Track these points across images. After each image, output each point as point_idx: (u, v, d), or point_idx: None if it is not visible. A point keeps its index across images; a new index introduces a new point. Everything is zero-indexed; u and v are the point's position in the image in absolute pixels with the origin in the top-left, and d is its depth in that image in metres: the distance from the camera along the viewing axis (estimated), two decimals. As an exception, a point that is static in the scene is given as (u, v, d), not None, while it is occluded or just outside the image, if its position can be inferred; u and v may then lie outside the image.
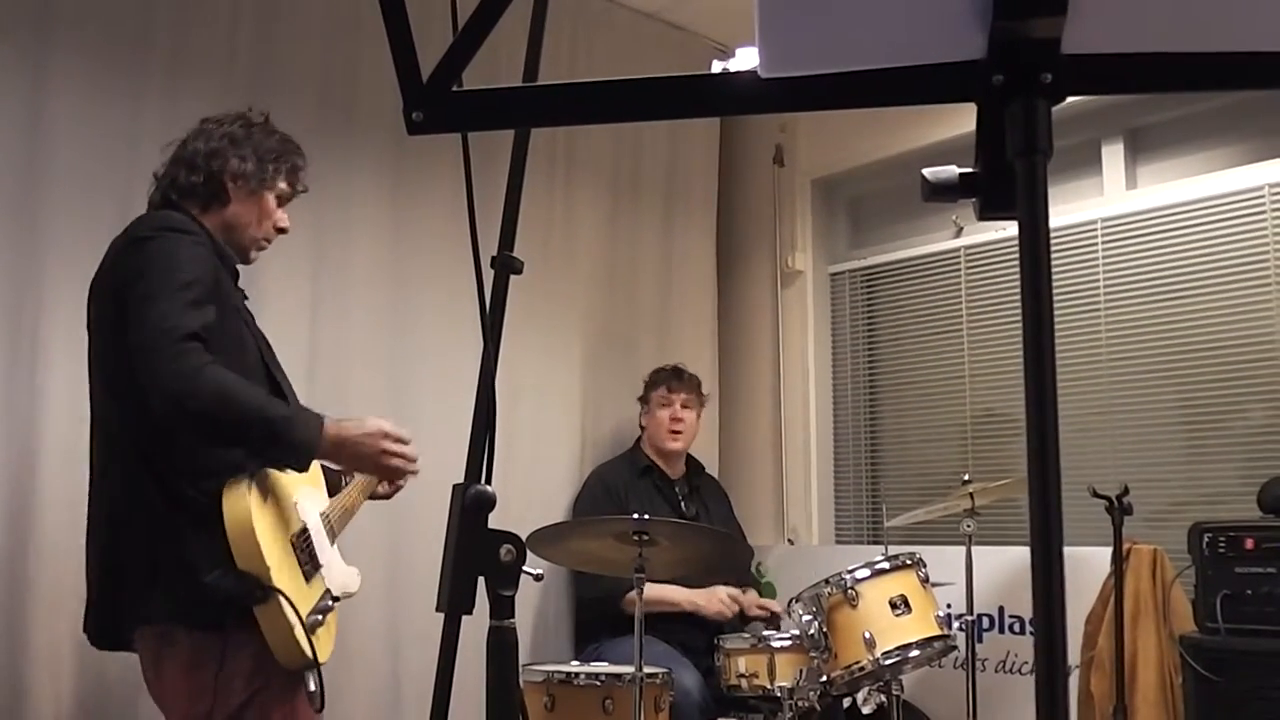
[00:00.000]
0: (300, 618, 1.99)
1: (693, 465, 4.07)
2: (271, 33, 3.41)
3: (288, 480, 2.18)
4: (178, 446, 2.05)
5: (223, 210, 2.30)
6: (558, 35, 4.07)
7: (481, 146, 1.47)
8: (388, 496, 2.56)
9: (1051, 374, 0.73)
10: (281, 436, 2.04)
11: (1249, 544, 2.85)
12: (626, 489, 3.82)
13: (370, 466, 2.28)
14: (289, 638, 1.97)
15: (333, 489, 2.46)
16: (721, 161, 4.82)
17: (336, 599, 2.24)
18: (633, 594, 2.81)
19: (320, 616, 2.11)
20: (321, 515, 2.32)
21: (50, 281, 2.91)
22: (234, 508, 1.99)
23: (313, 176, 3.44)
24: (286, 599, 1.96)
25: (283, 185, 2.38)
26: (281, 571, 2.01)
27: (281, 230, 2.42)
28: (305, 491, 2.26)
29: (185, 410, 1.95)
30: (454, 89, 0.82)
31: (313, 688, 2.01)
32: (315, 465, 2.35)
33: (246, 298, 2.40)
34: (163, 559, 2.01)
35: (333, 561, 2.30)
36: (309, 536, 2.19)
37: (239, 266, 2.36)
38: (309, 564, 2.16)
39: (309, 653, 2.00)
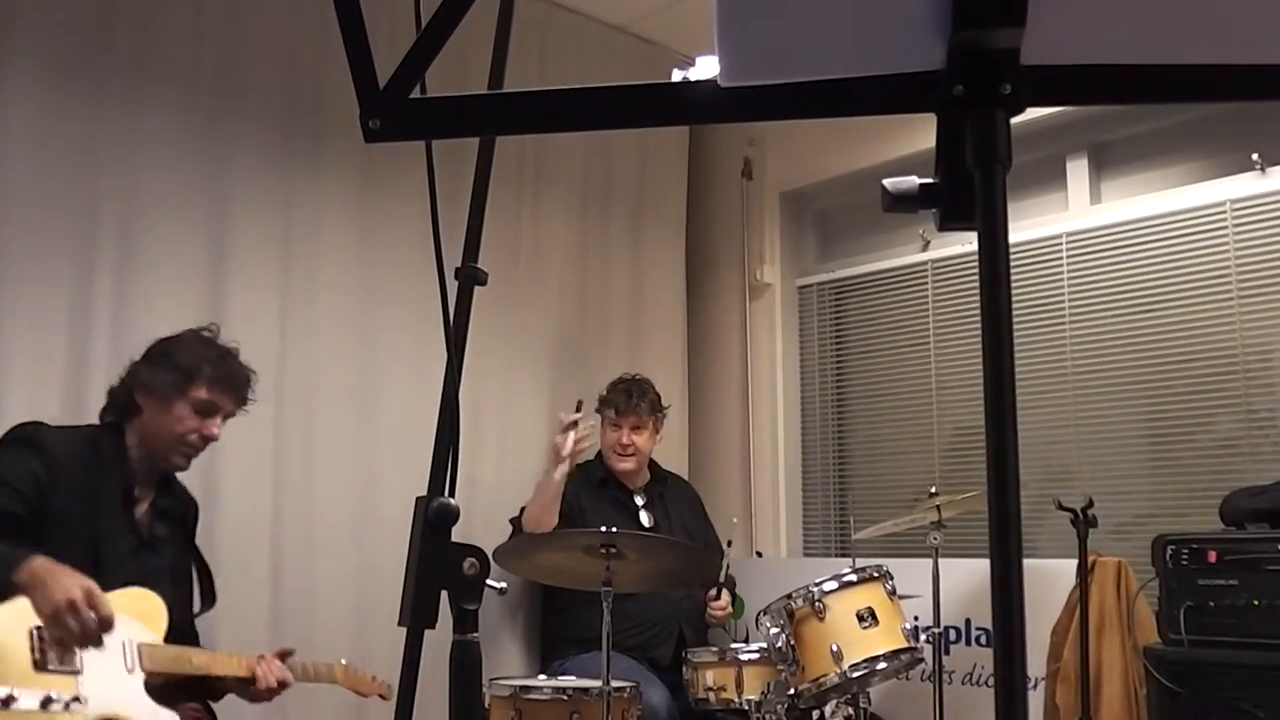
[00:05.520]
0: None
1: (656, 473, 4.03)
2: (236, 43, 3.38)
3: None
4: None
5: (135, 420, 2.46)
6: (526, 49, 4.07)
7: (450, 157, 1.46)
8: (251, 700, 2.52)
9: (1010, 377, 0.73)
10: None
11: (1211, 556, 2.88)
12: (580, 500, 3.76)
13: (43, 611, 2.05)
14: None
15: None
16: (690, 174, 4.82)
17: (68, 705, 2.01)
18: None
19: (17, 700, 1.89)
20: (131, 641, 2.24)
21: (10, 287, 2.87)
22: None
23: (279, 187, 3.47)
24: None
25: (200, 394, 2.44)
26: None
27: (208, 438, 2.48)
28: (123, 619, 2.15)
29: None
30: (412, 96, 0.81)
31: None
32: (160, 611, 2.34)
33: (166, 513, 2.51)
34: None
35: (105, 683, 2.15)
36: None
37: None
38: (54, 660, 2.07)
39: None
